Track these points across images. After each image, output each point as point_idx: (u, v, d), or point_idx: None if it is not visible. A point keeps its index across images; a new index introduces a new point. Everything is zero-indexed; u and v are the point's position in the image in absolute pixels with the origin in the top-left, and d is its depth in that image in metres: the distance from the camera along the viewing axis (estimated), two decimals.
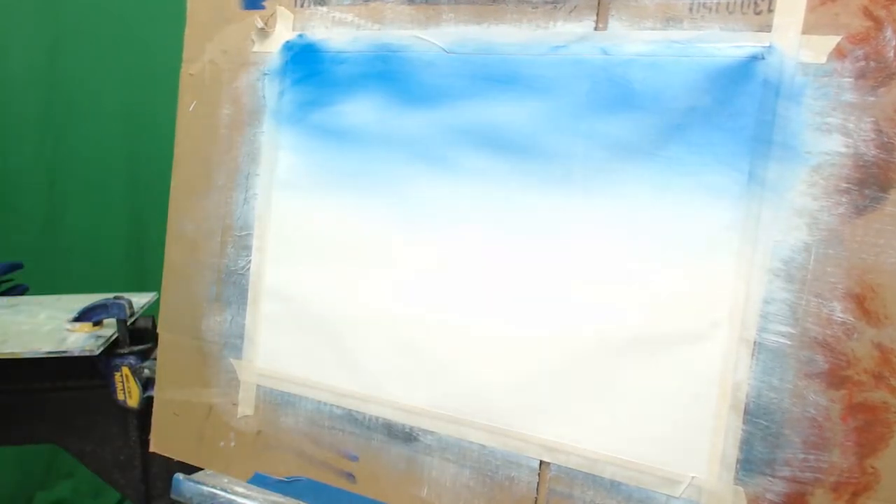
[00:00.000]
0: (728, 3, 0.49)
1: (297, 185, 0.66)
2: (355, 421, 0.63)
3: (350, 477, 0.64)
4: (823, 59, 0.46)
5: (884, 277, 0.45)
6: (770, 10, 0.48)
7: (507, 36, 0.56)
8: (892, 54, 0.44)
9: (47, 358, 0.93)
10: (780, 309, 0.47)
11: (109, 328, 0.99)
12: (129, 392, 0.95)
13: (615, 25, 0.52)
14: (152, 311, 0.96)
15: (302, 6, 0.65)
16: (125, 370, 0.94)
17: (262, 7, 0.67)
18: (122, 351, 0.96)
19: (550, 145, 0.54)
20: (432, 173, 0.59)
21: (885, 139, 0.44)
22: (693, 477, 0.50)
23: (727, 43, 0.49)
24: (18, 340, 0.96)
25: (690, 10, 0.50)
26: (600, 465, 0.53)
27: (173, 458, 0.74)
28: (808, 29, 0.46)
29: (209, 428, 0.71)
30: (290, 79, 0.65)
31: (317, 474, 0.66)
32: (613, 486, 0.53)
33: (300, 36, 0.65)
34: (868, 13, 0.45)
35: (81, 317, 0.99)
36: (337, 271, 0.64)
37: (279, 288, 0.67)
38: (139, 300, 1.05)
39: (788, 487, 0.47)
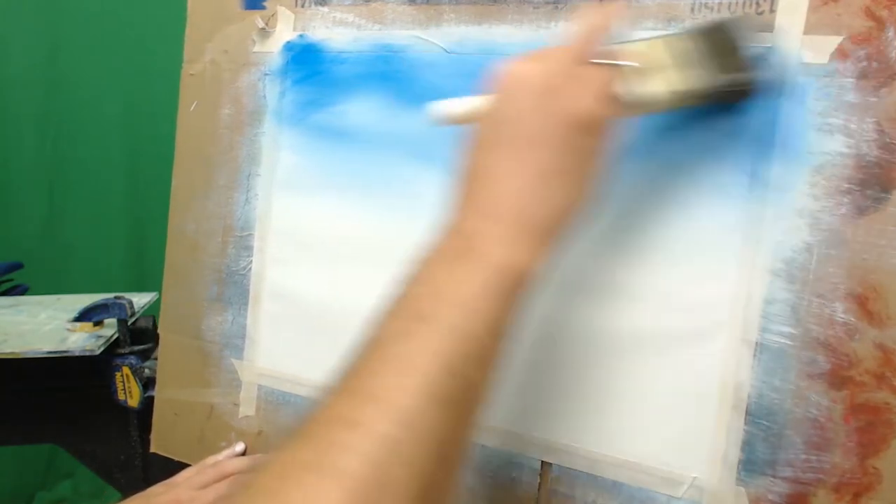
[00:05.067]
0: (730, 3, 0.49)
1: (298, 185, 0.66)
2: None
3: None
4: (825, 60, 0.46)
5: (886, 278, 0.44)
6: (772, 11, 0.47)
7: (509, 36, 0.56)
8: (894, 55, 0.44)
9: (47, 358, 0.93)
10: (781, 309, 0.47)
11: (110, 328, 0.99)
12: (129, 392, 0.95)
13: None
14: (153, 311, 0.96)
15: (303, 6, 0.65)
16: (126, 370, 0.94)
17: (263, 7, 0.67)
18: (122, 351, 0.96)
19: None
20: (433, 174, 0.59)
21: (888, 139, 0.44)
22: (695, 477, 0.50)
23: None
24: (19, 340, 0.96)
25: (692, 10, 0.50)
26: (602, 466, 0.53)
27: (174, 458, 0.74)
28: (809, 29, 0.46)
29: (210, 428, 0.71)
30: (290, 79, 0.65)
31: None
32: (615, 487, 0.53)
33: (301, 36, 0.65)
34: (870, 13, 0.45)
35: (82, 317, 0.99)
36: (338, 271, 0.64)
37: (280, 288, 0.67)
38: (140, 300, 1.05)
39: (790, 488, 0.47)
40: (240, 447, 0.69)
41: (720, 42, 0.45)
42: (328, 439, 0.31)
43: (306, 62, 0.64)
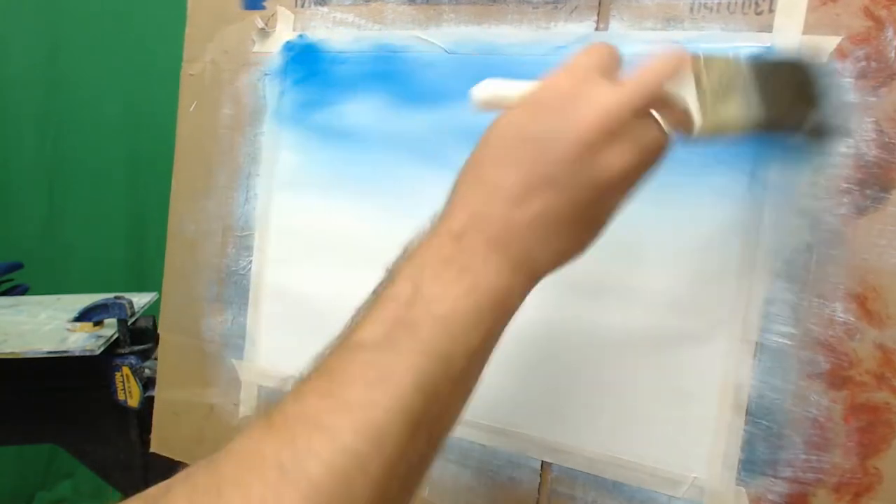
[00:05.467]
0: (729, 4, 0.49)
1: (298, 185, 0.66)
2: None
3: None
4: (824, 60, 0.46)
5: (886, 278, 0.44)
6: (771, 11, 0.47)
7: (508, 36, 0.56)
8: (892, 54, 0.44)
9: (47, 358, 0.93)
10: (781, 309, 0.47)
11: (110, 328, 0.99)
12: (129, 392, 0.95)
13: (616, 26, 0.52)
14: (153, 311, 0.96)
15: (303, 6, 0.65)
16: (126, 370, 0.94)
17: (263, 7, 0.67)
18: (122, 351, 0.96)
19: None
20: (433, 174, 0.59)
21: (887, 139, 0.44)
22: (695, 477, 0.50)
23: (728, 43, 0.49)
24: (19, 340, 0.96)
25: (691, 10, 0.50)
26: (602, 466, 0.53)
27: (174, 458, 0.74)
28: (808, 29, 0.46)
29: (210, 428, 0.71)
30: (290, 79, 0.65)
31: None
32: (615, 487, 0.53)
33: (301, 36, 0.65)
34: (869, 13, 0.45)
35: (82, 317, 0.99)
36: (338, 271, 0.64)
37: (280, 288, 0.67)
38: (139, 300, 1.05)
39: (790, 488, 0.47)
40: None
41: (787, 76, 0.41)
42: (295, 440, 0.31)
43: (306, 62, 0.64)
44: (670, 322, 0.51)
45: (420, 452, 0.33)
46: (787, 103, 0.40)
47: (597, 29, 0.53)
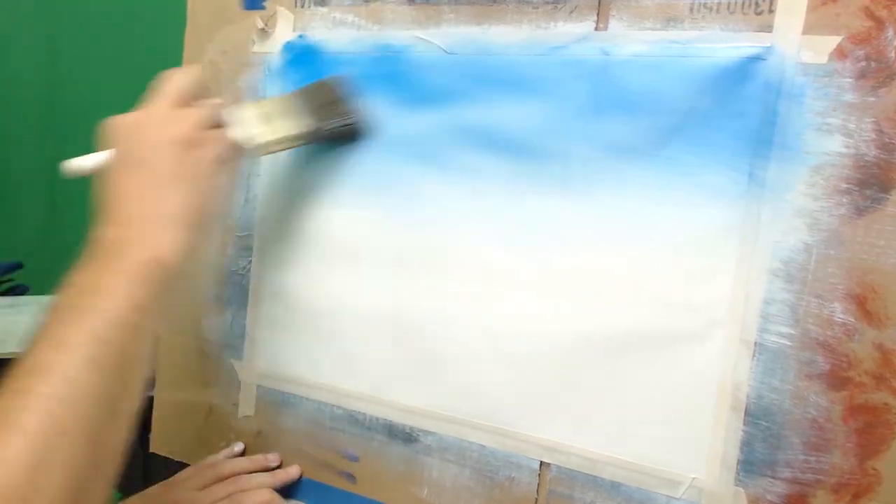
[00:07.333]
0: (729, 4, 0.49)
1: (297, 186, 0.66)
2: (356, 421, 0.63)
3: (350, 477, 0.64)
4: (824, 60, 0.46)
5: (885, 278, 0.44)
6: (771, 11, 0.47)
7: (508, 36, 0.56)
8: (892, 54, 0.44)
9: None
10: (780, 310, 0.47)
11: None
12: None
13: (616, 25, 0.52)
14: None
15: (302, 7, 0.65)
16: None
17: (263, 7, 0.67)
18: None
19: (551, 146, 0.54)
20: (432, 174, 0.59)
21: (886, 139, 0.44)
22: (694, 478, 0.50)
23: (728, 43, 0.49)
24: (19, 340, 0.96)
25: (691, 10, 0.50)
26: (600, 466, 0.53)
27: (173, 458, 0.74)
28: (808, 29, 0.46)
29: (209, 428, 0.71)
30: (290, 79, 0.65)
31: (317, 475, 0.65)
32: (614, 487, 0.53)
33: (301, 36, 0.65)
34: (869, 13, 0.45)
35: None
36: (337, 272, 0.64)
37: (279, 288, 0.67)
38: None
39: (789, 489, 0.47)
40: (238, 447, 0.69)
41: (322, 95, 0.60)
42: (3, 405, 0.38)
43: (306, 63, 0.64)
44: (668, 322, 0.51)
45: (115, 389, 0.42)
46: (326, 114, 0.60)
47: (596, 29, 0.53)
